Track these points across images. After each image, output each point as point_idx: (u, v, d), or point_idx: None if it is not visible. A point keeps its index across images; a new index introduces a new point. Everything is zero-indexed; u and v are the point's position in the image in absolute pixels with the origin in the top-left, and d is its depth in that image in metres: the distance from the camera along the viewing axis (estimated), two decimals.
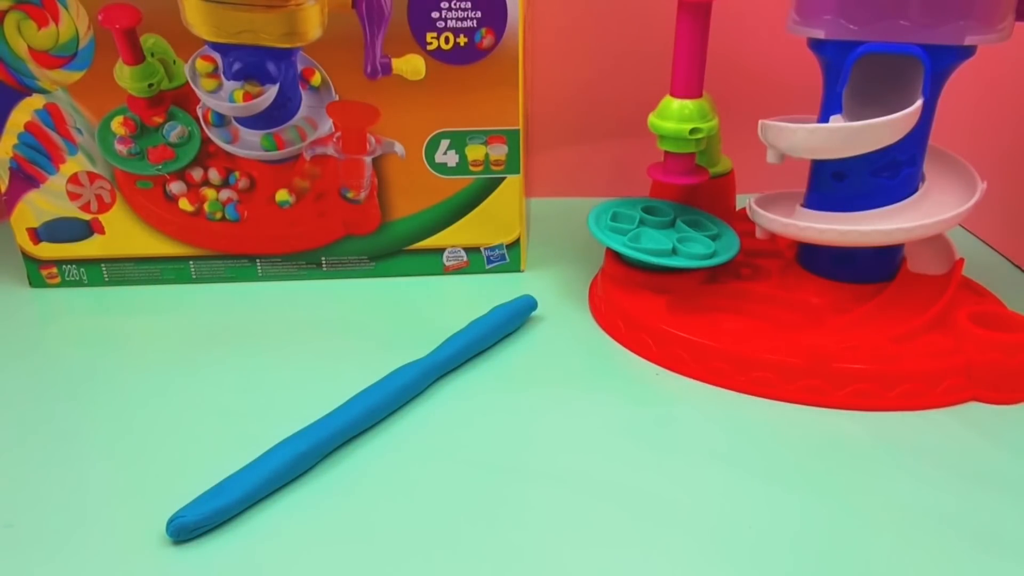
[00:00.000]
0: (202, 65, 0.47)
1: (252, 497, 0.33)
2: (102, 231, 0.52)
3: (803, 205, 0.45)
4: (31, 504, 0.34)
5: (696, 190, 0.52)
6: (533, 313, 0.48)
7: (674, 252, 0.46)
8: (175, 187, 0.50)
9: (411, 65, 0.48)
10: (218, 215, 0.51)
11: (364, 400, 0.38)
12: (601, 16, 0.65)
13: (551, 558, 0.31)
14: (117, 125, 0.49)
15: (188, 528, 0.31)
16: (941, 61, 0.39)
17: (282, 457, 0.35)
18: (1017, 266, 0.55)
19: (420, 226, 0.53)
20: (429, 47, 0.48)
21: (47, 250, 0.52)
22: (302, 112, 0.49)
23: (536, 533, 0.32)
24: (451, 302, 0.51)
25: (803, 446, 0.37)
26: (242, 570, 0.30)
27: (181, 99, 0.48)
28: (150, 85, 0.48)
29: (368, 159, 0.50)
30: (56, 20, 0.46)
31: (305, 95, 0.49)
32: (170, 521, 0.31)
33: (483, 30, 0.47)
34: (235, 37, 0.47)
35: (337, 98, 0.49)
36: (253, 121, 0.49)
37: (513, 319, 0.47)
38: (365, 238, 0.53)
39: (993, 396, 0.40)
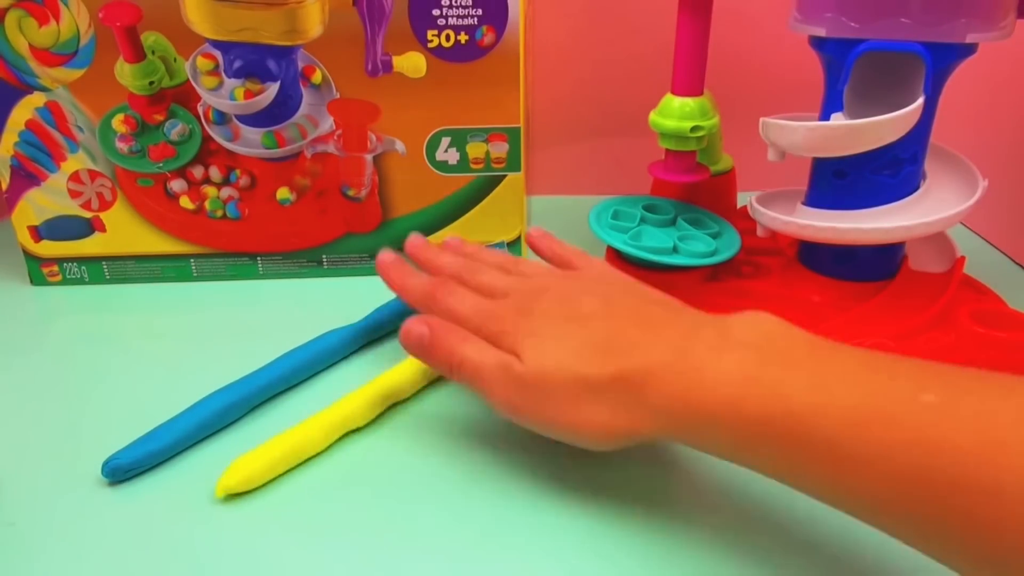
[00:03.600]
0: (203, 63, 0.47)
1: (182, 443, 0.36)
2: (103, 229, 0.52)
3: (804, 203, 0.45)
4: (32, 502, 0.34)
5: (697, 188, 0.52)
6: None
7: (675, 250, 0.46)
8: (176, 185, 0.51)
9: (412, 63, 0.48)
10: (219, 213, 0.51)
11: (290, 359, 0.41)
12: (602, 14, 0.65)
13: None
14: (118, 123, 0.49)
15: (123, 469, 0.34)
16: (942, 59, 0.39)
17: (210, 407, 0.37)
18: (1018, 264, 0.55)
19: (421, 224, 0.53)
20: (430, 45, 0.48)
21: (48, 248, 0.52)
22: (303, 110, 0.49)
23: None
24: None
25: None
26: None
27: (182, 97, 0.48)
28: (151, 83, 0.48)
29: (369, 157, 0.50)
30: (57, 18, 0.46)
31: (306, 93, 0.49)
32: (105, 463, 0.34)
33: (484, 28, 0.47)
34: (236, 35, 0.47)
35: (338, 96, 0.49)
36: (254, 119, 0.49)
37: None
38: (366, 236, 0.53)
39: None
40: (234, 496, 0.33)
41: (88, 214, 0.51)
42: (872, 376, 0.27)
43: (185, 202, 0.51)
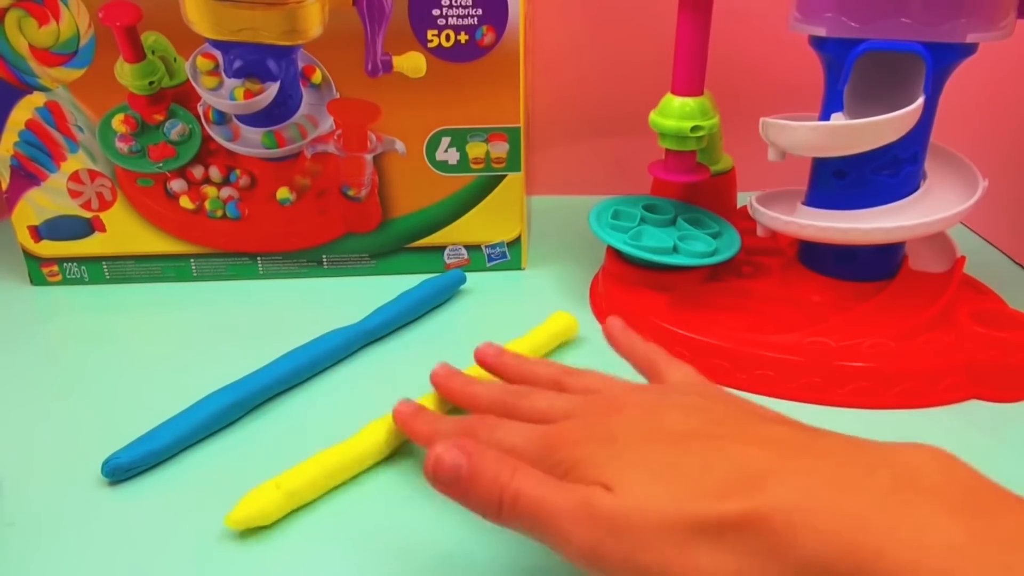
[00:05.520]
0: (203, 63, 0.47)
1: (182, 443, 0.36)
2: (103, 229, 0.52)
3: (804, 203, 0.45)
4: (32, 502, 0.34)
5: (697, 188, 0.52)
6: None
7: (675, 250, 0.46)
8: (176, 185, 0.51)
9: (412, 63, 0.48)
10: (219, 213, 0.51)
11: (291, 360, 0.41)
12: (602, 14, 0.65)
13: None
14: (118, 123, 0.49)
15: (123, 468, 0.34)
16: (943, 59, 0.39)
17: (210, 407, 0.37)
18: (1018, 264, 0.55)
19: (421, 224, 0.53)
20: (430, 44, 0.48)
21: (48, 248, 0.52)
22: (303, 110, 0.49)
23: None
24: (452, 300, 0.51)
25: None
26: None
27: (182, 97, 0.48)
28: (151, 83, 0.48)
29: (369, 157, 0.50)
30: (57, 18, 0.46)
31: (306, 93, 0.49)
32: (105, 462, 0.34)
33: (484, 27, 0.47)
34: (236, 35, 0.47)
35: (338, 96, 0.49)
36: (254, 119, 0.49)
37: (442, 291, 0.50)
38: (366, 236, 0.53)
39: (994, 394, 0.40)
40: (235, 500, 0.32)
41: (88, 214, 0.51)
42: None
43: (185, 202, 0.51)
